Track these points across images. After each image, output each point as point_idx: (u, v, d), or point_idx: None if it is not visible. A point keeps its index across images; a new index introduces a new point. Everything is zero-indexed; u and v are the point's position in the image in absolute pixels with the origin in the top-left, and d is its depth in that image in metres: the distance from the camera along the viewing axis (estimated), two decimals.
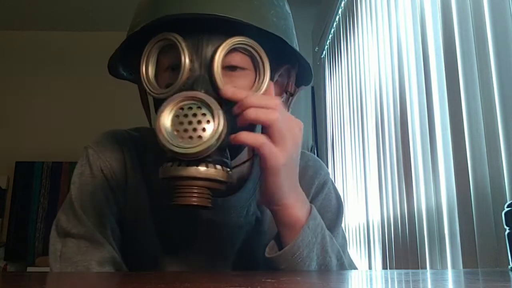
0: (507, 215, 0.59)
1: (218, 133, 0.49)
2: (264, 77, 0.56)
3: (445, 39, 1.20)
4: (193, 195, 0.51)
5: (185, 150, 0.49)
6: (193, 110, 0.50)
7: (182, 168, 0.50)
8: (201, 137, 0.49)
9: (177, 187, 0.51)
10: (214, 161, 0.51)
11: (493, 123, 0.97)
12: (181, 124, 0.50)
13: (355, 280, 0.49)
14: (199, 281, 0.44)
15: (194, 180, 0.50)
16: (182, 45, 0.54)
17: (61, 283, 0.48)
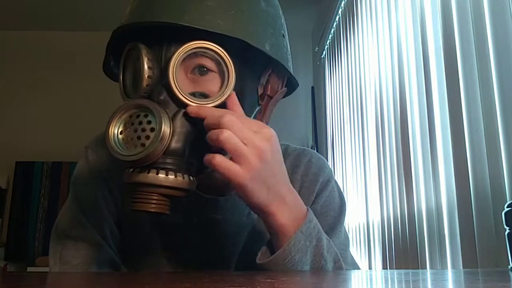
0: (507, 215, 0.59)
1: (159, 140, 0.49)
2: (228, 79, 0.55)
3: (445, 39, 1.20)
4: (151, 201, 0.51)
5: (128, 158, 0.50)
6: (140, 118, 0.51)
7: (141, 175, 0.51)
8: (144, 145, 0.50)
9: (135, 193, 0.52)
10: (175, 169, 0.51)
11: (493, 123, 0.97)
12: (129, 132, 0.51)
13: (355, 280, 0.49)
14: (199, 281, 0.44)
15: (152, 187, 0.51)
16: (142, 53, 0.54)
17: (61, 283, 0.48)
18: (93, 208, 0.66)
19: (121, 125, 0.52)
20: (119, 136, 0.52)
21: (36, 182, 3.29)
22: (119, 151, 0.50)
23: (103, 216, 0.66)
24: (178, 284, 0.40)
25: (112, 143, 0.51)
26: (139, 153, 0.49)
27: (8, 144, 3.36)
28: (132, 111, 0.52)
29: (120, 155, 0.50)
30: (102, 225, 0.65)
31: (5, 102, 3.46)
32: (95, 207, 0.66)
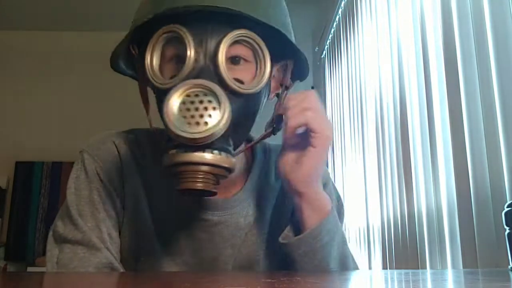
0: (507, 215, 0.59)
1: (224, 120, 0.50)
2: (264, 68, 0.57)
3: (445, 39, 1.20)
4: (198, 180, 0.51)
5: (192, 135, 0.50)
6: (200, 97, 0.51)
7: (187, 154, 0.51)
8: (207, 123, 0.50)
9: (182, 173, 0.52)
10: (218, 148, 0.52)
11: (493, 123, 0.97)
12: (188, 111, 0.51)
13: (355, 280, 0.49)
14: (199, 281, 0.44)
15: (199, 166, 0.51)
16: (187, 37, 0.55)
17: (61, 283, 0.48)
18: (91, 211, 0.66)
19: (180, 103, 0.52)
20: (177, 114, 0.51)
21: (36, 182, 3.29)
22: (180, 128, 0.50)
23: (101, 219, 0.66)
24: (178, 284, 0.40)
25: (172, 120, 0.51)
26: (203, 131, 0.50)
27: (8, 144, 3.36)
28: (190, 90, 0.52)
29: (182, 132, 0.50)
30: (99, 229, 0.65)
31: (5, 102, 3.46)
32: (93, 210, 0.66)
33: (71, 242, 0.64)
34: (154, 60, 0.58)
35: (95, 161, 0.68)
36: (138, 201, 0.68)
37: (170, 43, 0.57)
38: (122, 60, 0.65)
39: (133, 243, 0.68)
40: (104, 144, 0.69)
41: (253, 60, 0.58)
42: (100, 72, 3.55)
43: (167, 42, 0.58)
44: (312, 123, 0.57)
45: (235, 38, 0.56)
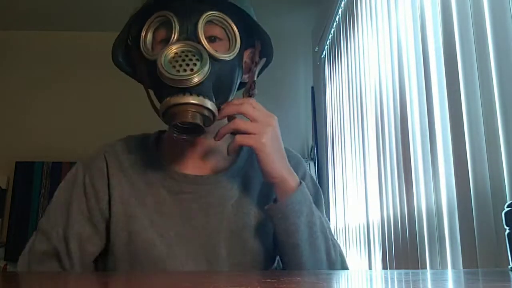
0: (507, 215, 0.59)
1: (205, 69, 0.67)
2: (235, 43, 0.74)
3: (445, 39, 1.20)
4: (188, 115, 0.66)
5: (179, 77, 0.66)
6: (185, 53, 0.68)
7: (180, 97, 0.66)
8: (192, 70, 0.66)
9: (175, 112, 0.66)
10: (204, 95, 0.67)
11: (493, 123, 0.97)
12: (177, 62, 0.67)
13: (355, 280, 0.49)
14: (199, 281, 0.44)
15: (190, 105, 0.66)
16: (173, 18, 0.71)
17: (61, 284, 0.48)
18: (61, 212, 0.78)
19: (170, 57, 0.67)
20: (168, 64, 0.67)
21: (36, 182, 3.29)
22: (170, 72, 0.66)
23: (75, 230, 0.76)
24: (178, 284, 0.40)
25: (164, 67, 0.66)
26: (188, 75, 0.66)
27: (8, 144, 3.36)
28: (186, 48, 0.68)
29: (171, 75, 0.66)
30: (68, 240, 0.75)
31: (5, 102, 3.46)
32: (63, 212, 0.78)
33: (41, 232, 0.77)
34: (147, 39, 0.74)
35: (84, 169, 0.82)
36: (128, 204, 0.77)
37: (160, 28, 0.73)
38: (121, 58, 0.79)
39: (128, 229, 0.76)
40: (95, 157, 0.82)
41: (226, 38, 0.74)
42: (101, 73, 3.56)
43: (158, 26, 0.73)
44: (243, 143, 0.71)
45: (210, 17, 0.71)
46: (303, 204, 0.73)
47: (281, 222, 0.72)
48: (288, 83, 3.50)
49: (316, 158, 3.14)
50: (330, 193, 2.80)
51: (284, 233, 0.73)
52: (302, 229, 0.72)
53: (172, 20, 0.71)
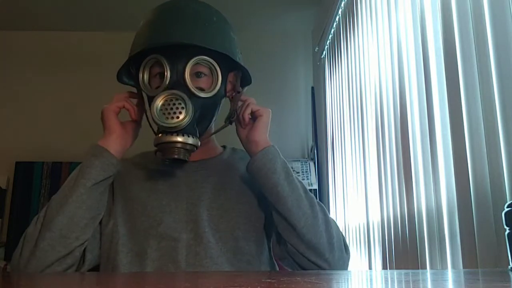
0: (507, 215, 0.59)
1: (188, 116, 0.83)
2: (217, 80, 0.90)
3: (445, 39, 1.20)
4: (175, 152, 0.85)
5: (168, 124, 0.83)
6: (173, 101, 0.84)
7: (168, 136, 0.84)
8: (178, 117, 0.83)
9: (165, 148, 0.85)
10: (187, 133, 0.85)
11: (493, 123, 0.97)
12: (166, 110, 0.84)
13: (355, 280, 0.49)
14: (199, 281, 0.44)
15: (176, 143, 0.84)
16: (164, 62, 0.87)
17: (60, 284, 0.48)
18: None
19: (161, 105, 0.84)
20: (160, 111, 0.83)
21: (36, 182, 3.29)
22: (160, 120, 0.83)
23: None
24: (178, 284, 0.40)
25: (156, 115, 0.83)
26: (175, 122, 0.83)
27: (8, 144, 3.36)
28: (171, 96, 0.84)
29: (162, 122, 0.83)
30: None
31: (5, 102, 3.46)
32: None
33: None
34: (144, 77, 0.91)
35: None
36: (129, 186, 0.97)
37: (155, 65, 0.90)
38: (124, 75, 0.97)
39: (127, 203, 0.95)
40: None
41: (210, 74, 0.91)
42: (101, 73, 3.56)
43: (152, 65, 0.90)
44: (255, 107, 0.94)
45: (196, 61, 0.87)
46: (277, 155, 0.92)
47: (259, 169, 0.90)
48: (288, 83, 3.50)
49: (316, 158, 3.14)
50: (330, 193, 2.80)
51: (264, 177, 0.90)
52: (279, 171, 0.90)
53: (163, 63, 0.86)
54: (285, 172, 0.91)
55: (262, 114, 0.94)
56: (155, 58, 0.87)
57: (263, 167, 0.90)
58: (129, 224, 0.92)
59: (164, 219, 0.91)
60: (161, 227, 0.90)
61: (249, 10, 3.16)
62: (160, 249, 0.88)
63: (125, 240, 0.89)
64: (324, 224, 0.90)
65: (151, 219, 0.91)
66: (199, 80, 0.89)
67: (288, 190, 0.89)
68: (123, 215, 0.93)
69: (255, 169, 0.91)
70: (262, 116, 0.93)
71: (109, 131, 0.91)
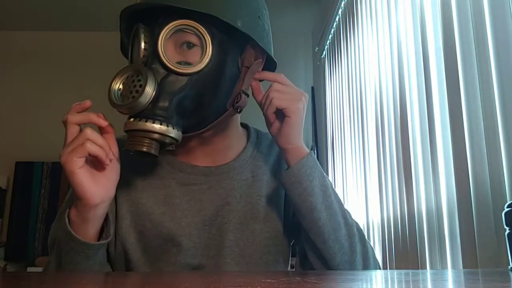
0: (507, 215, 0.59)
1: (146, 93, 0.64)
2: (206, 52, 0.68)
3: (445, 39, 1.20)
4: (143, 143, 0.65)
5: (122, 104, 0.65)
6: (133, 78, 0.66)
7: (134, 122, 0.65)
8: (134, 96, 0.64)
9: (131, 137, 0.66)
10: (162, 120, 0.65)
11: (493, 123, 0.97)
12: (124, 89, 0.67)
13: (355, 280, 0.49)
14: (199, 281, 0.44)
15: (143, 132, 0.65)
16: (140, 31, 0.69)
17: (60, 284, 0.48)
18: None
19: (120, 83, 0.68)
20: (118, 91, 0.67)
21: (36, 182, 3.29)
22: (116, 101, 0.66)
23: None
24: (178, 284, 0.40)
25: (112, 95, 0.67)
26: (130, 102, 0.64)
27: (8, 144, 3.36)
28: (130, 73, 0.67)
29: (116, 104, 0.66)
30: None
31: (5, 102, 3.46)
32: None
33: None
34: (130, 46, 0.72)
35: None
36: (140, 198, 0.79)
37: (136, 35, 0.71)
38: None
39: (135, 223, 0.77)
40: None
41: (200, 45, 0.69)
42: (101, 73, 3.55)
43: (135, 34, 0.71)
44: (280, 104, 0.71)
45: (174, 28, 0.67)
46: (315, 169, 0.74)
47: (294, 188, 0.73)
48: None
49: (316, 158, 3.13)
50: None
51: (299, 198, 0.73)
52: (316, 191, 0.73)
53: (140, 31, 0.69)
54: (323, 192, 0.74)
55: (291, 115, 0.72)
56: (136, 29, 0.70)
57: (299, 186, 0.73)
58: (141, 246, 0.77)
59: (183, 245, 0.76)
60: (180, 255, 0.75)
61: None
62: None
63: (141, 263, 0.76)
64: (362, 260, 0.75)
65: (169, 243, 0.76)
66: (189, 52, 0.69)
67: (326, 217, 0.72)
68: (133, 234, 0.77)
69: (289, 186, 0.74)
70: (290, 117, 0.72)
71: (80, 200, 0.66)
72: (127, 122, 0.66)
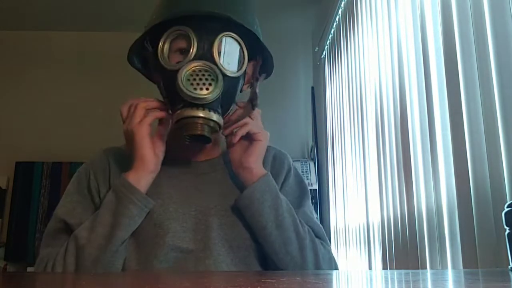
0: (507, 215, 0.59)
1: (218, 89, 0.74)
2: (244, 60, 0.82)
3: (445, 39, 1.20)
4: (198, 128, 0.75)
5: (196, 95, 0.74)
6: (202, 72, 0.75)
7: (193, 111, 0.74)
8: (208, 89, 0.74)
9: (187, 124, 0.75)
10: (213, 109, 0.76)
11: (493, 123, 0.97)
12: (194, 80, 0.74)
13: (355, 280, 0.49)
14: (199, 281, 0.44)
15: (199, 118, 0.74)
16: (192, 34, 0.78)
17: (60, 284, 0.48)
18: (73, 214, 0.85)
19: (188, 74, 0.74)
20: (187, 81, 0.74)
21: (36, 182, 3.29)
22: (188, 89, 0.73)
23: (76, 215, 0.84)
24: (178, 284, 0.40)
25: (182, 84, 0.74)
26: (204, 94, 0.74)
27: (8, 144, 3.36)
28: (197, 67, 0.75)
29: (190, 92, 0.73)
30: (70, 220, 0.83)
31: (5, 102, 3.46)
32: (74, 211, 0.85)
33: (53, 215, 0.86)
34: (164, 49, 0.80)
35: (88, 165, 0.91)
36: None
37: (177, 39, 0.80)
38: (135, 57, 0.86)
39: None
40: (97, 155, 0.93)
41: (234, 56, 0.81)
42: (101, 73, 3.56)
43: (174, 38, 0.80)
44: (253, 129, 0.84)
45: (223, 38, 0.79)
46: (267, 191, 0.84)
47: (247, 209, 0.83)
48: (288, 83, 3.50)
49: (316, 158, 3.13)
50: (330, 193, 2.80)
51: (251, 218, 0.83)
52: (267, 212, 0.82)
53: (190, 35, 0.78)
54: (274, 211, 0.83)
55: (262, 139, 0.85)
56: (178, 31, 0.79)
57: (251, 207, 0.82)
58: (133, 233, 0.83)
59: (171, 227, 0.82)
60: (168, 236, 0.82)
61: None
62: (167, 260, 0.81)
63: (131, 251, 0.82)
64: (314, 267, 0.84)
65: (158, 227, 0.82)
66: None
67: (276, 234, 0.82)
68: None
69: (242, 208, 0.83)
70: (261, 141, 0.84)
71: (142, 162, 0.80)
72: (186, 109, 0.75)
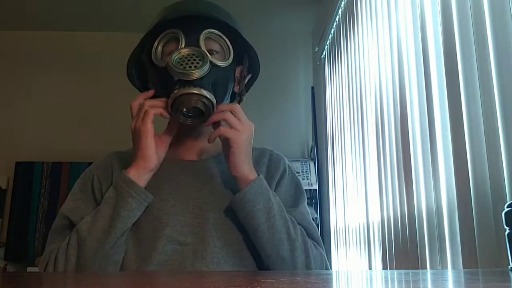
0: (507, 215, 0.59)
1: (206, 67, 0.83)
2: (229, 55, 0.90)
3: (445, 39, 1.20)
4: (192, 100, 0.82)
5: (185, 71, 0.82)
6: (191, 55, 0.84)
7: (184, 88, 0.82)
8: (196, 67, 0.82)
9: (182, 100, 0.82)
10: (205, 88, 0.83)
11: (493, 123, 0.97)
12: (184, 62, 0.83)
13: (355, 280, 0.49)
14: (199, 281, 0.44)
15: (192, 94, 0.82)
16: (180, 34, 0.88)
17: (60, 283, 0.48)
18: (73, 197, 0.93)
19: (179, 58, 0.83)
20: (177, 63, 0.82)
21: (36, 182, 3.29)
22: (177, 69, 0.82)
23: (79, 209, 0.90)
24: (178, 284, 0.40)
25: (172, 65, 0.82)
26: (192, 70, 0.82)
27: (8, 144, 3.36)
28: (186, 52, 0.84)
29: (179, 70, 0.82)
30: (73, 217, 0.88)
31: (5, 102, 3.46)
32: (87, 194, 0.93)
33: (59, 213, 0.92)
34: (158, 51, 0.90)
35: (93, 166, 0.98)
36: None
37: (169, 43, 0.89)
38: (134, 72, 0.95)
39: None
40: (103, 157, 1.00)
41: (221, 51, 0.91)
42: (101, 73, 3.56)
43: (167, 42, 0.90)
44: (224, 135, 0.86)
45: (208, 34, 0.89)
46: (258, 194, 0.86)
47: (239, 212, 0.86)
48: (288, 83, 3.50)
49: (316, 158, 3.14)
50: (330, 193, 2.80)
51: (243, 220, 0.86)
52: (259, 214, 0.85)
53: (179, 35, 0.87)
54: (266, 213, 0.85)
55: (232, 145, 0.85)
56: (170, 34, 0.89)
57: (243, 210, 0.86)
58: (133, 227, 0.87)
59: (170, 221, 0.87)
60: (167, 230, 0.86)
61: (249, 10, 3.16)
62: (166, 252, 0.84)
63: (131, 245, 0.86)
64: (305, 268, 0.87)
65: (157, 221, 0.87)
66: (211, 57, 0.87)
67: (268, 236, 0.85)
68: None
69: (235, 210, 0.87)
70: (233, 147, 0.85)
71: (143, 161, 0.85)
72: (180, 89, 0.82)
